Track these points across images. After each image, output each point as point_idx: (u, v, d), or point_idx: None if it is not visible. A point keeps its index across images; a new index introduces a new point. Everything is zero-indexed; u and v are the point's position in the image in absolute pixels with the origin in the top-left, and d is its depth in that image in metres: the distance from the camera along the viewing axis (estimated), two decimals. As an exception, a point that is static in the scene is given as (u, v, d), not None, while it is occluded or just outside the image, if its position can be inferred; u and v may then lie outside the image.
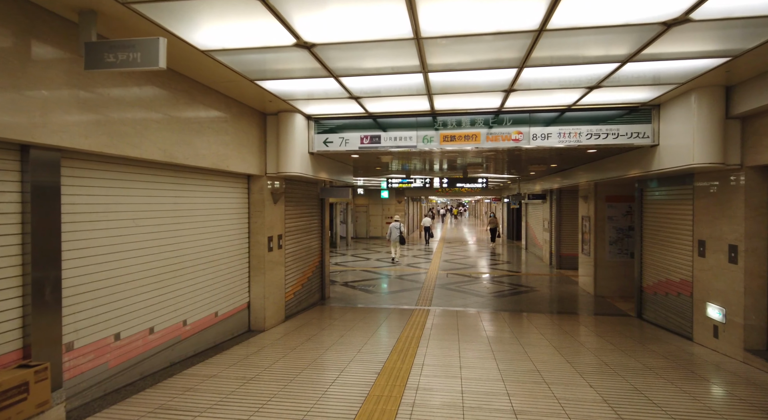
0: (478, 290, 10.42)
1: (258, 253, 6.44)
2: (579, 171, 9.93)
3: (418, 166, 11.23)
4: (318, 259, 9.23)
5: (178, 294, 4.87)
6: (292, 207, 7.71)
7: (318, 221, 9.27)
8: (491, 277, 12.34)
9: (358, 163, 9.34)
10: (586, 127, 6.09)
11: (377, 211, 26.26)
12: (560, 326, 7.06)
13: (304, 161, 6.63)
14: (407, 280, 11.75)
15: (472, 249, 20.33)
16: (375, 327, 6.75)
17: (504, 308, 8.59)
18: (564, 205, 13.85)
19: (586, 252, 10.50)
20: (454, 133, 6.38)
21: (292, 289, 7.68)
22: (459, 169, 11.18)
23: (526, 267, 14.40)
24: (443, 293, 9.99)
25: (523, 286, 10.99)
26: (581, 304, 9.16)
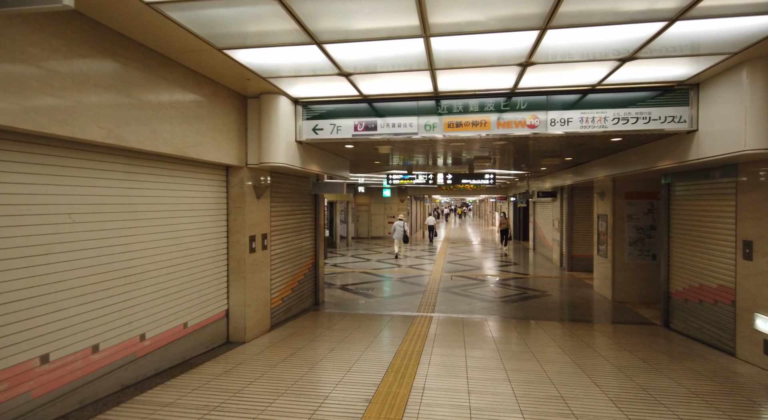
0: (485, 294, 9.63)
1: (238, 254, 5.68)
2: (596, 165, 9.12)
3: (421, 161, 10.46)
4: (311, 260, 8.47)
5: (133, 304, 4.11)
6: (280, 203, 6.95)
7: (311, 219, 8.51)
8: (498, 280, 11.54)
9: (355, 156, 8.56)
10: (613, 111, 5.29)
11: (379, 210, 25.49)
12: (579, 337, 6.26)
13: (291, 151, 5.87)
14: (409, 283, 10.97)
15: (477, 249, 19.52)
16: (371, 338, 5.98)
17: (514, 315, 7.79)
18: (576, 203, 13.04)
19: (602, 253, 9.68)
20: (461, 118, 5.60)
21: (280, 294, 6.92)
22: (464, 163, 10.40)
23: (535, 269, 13.59)
24: (447, 298, 9.20)
25: (534, 290, 10.19)
26: (599, 310, 8.35)
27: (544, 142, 6.67)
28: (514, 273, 12.84)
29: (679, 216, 6.88)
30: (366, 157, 8.58)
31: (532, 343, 5.83)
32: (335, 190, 7.45)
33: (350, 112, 5.82)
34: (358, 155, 8.21)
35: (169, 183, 4.62)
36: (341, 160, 8.67)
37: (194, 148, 4.59)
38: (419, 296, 9.42)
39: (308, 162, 6.56)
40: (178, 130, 4.33)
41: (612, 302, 8.99)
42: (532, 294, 9.76)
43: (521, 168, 10.94)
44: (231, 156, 5.38)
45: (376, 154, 8.00)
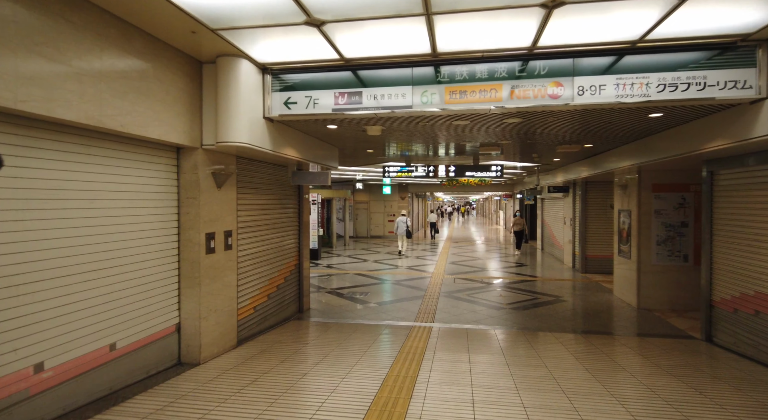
0: (492, 300, 8.55)
1: (191, 256, 4.62)
2: (618, 154, 8.01)
3: (420, 152, 9.38)
4: (294, 262, 7.41)
5: (25, 323, 3.06)
6: (252, 195, 5.90)
7: (294, 215, 7.45)
8: (506, 283, 10.44)
9: (342, 141, 7.49)
10: (657, 76, 4.19)
11: (379, 208, 24.42)
12: (610, 356, 5.17)
13: (257, 130, 4.80)
14: (407, 287, 9.89)
15: (481, 249, 18.41)
16: (355, 358, 4.91)
17: (526, 326, 6.70)
18: (591, 198, 11.92)
19: (624, 254, 8.57)
20: (465, 87, 4.52)
21: (252, 302, 5.86)
22: (469, 153, 9.32)
23: (546, 270, 12.48)
24: (449, 304, 8.13)
25: (546, 295, 9.09)
26: (623, 319, 7.25)
27: (564, 121, 5.58)
28: (523, 275, 11.74)
29: (725, 211, 5.77)
30: (355, 143, 7.51)
31: (554, 365, 4.75)
32: (318, 181, 6.38)
33: (330, 81, 4.75)
34: (345, 141, 7.14)
35: (86, 163, 3.57)
36: (328, 148, 7.60)
37: (118, 118, 3.53)
38: (418, 302, 8.35)
39: (282, 145, 5.49)
40: (91, 91, 3.27)
41: (637, 309, 7.88)
42: (544, 300, 8.67)
43: (532, 159, 9.84)
44: (180, 133, 4.32)
45: (365, 139, 6.93)
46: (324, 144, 7.33)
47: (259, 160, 6.00)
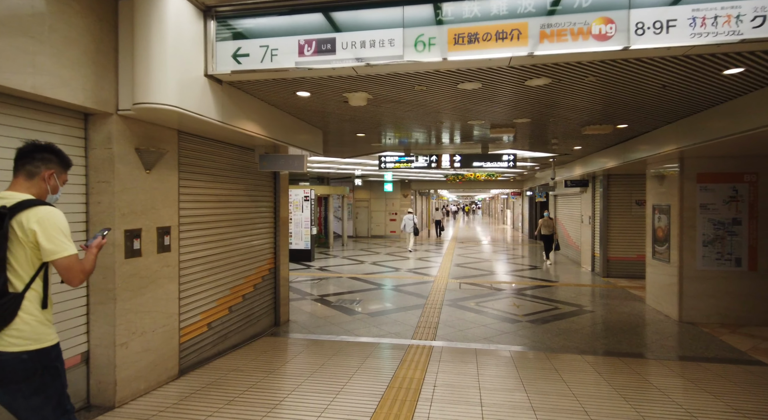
0: (504, 310, 7.28)
1: (102, 261, 3.40)
2: (651, 138, 6.71)
3: (421, 139, 8.14)
4: (268, 265, 6.20)
5: None
6: (206, 183, 4.69)
7: (269, 210, 6.24)
8: (519, 289, 9.16)
9: (321, 118, 6.24)
10: (752, 3, 2.93)
11: (380, 207, 23.18)
12: (664, 392, 3.91)
13: (195, 91, 3.58)
14: (406, 293, 8.65)
15: (488, 250, 17.12)
16: (330, 395, 3.68)
17: (550, 345, 5.44)
18: (613, 193, 10.62)
19: (660, 257, 7.28)
20: (476, 27, 3.27)
21: (205, 318, 4.65)
22: (477, 140, 8.07)
23: (562, 274, 11.18)
24: (454, 315, 6.87)
25: (567, 304, 7.81)
26: (666, 336, 5.97)
27: (604, 87, 4.31)
28: (537, 279, 10.46)
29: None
30: (339, 123, 6.25)
31: (595, 409, 3.49)
32: (292, 167, 5.16)
33: (294, 27, 3.51)
34: (326, 119, 5.88)
35: None
36: (309, 130, 6.37)
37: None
38: (418, 312, 7.10)
39: (239, 117, 4.26)
40: None
41: (679, 323, 6.60)
42: (565, 310, 7.39)
43: (550, 146, 8.54)
44: (82, 93, 3.11)
45: (351, 116, 5.68)
46: (302, 124, 6.10)
47: (216, 138, 4.79)
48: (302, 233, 13.34)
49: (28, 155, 1.98)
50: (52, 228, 1.88)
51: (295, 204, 13.38)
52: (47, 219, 1.88)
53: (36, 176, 1.98)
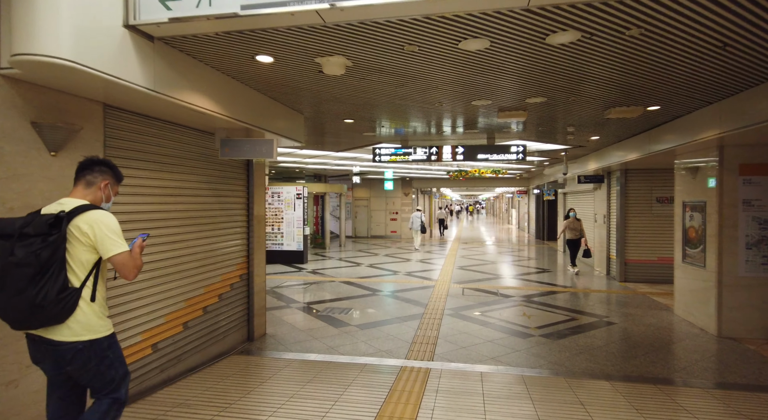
0: (513, 321, 6.37)
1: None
2: (684, 124, 5.78)
3: (419, 128, 7.26)
4: (239, 271, 5.33)
5: None
6: (150, 172, 3.82)
7: (240, 206, 5.37)
8: (528, 296, 8.25)
9: (296, 96, 5.35)
10: None
11: (380, 206, 22.29)
12: (730, 443, 3.00)
13: (109, 45, 2.69)
14: (404, 300, 7.75)
15: (493, 251, 16.19)
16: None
17: (572, 367, 4.53)
18: (631, 190, 9.68)
19: (693, 260, 6.35)
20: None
21: (148, 339, 3.78)
22: (482, 130, 7.17)
23: (575, 278, 10.24)
24: (456, 327, 5.97)
25: (585, 314, 6.89)
26: (706, 356, 5.04)
27: (650, 43, 3.40)
28: (547, 284, 9.53)
29: None
30: (319, 102, 5.31)
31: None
32: (259, 153, 4.27)
33: (241, -40, 2.63)
34: (302, 96, 4.95)
35: None
36: (286, 114, 5.50)
37: None
38: (415, 323, 6.21)
39: (180, 87, 3.38)
40: None
41: (718, 339, 5.67)
42: (584, 321, 6.47)
43: (564, 136, 7.61)
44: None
45: (333, 95, 4.78)
46: (277, 106, 5.22)
47: (162, 117, 3.91)
48: (294, 233, 12.47)
49: (88, 167, 2.25)
50: (106, 229, 2.10)
51: (287, 202, 12.51)
52: (102, 221, 2.10)
53: (93, 185, 2.25)
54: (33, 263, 1.94)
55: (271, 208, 12.63)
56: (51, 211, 2.09)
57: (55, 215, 2.04)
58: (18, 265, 1.93)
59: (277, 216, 12.60)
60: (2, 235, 1.99)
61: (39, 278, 1.96)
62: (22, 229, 1.98)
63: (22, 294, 1.93)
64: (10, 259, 1.94)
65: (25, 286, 1.93)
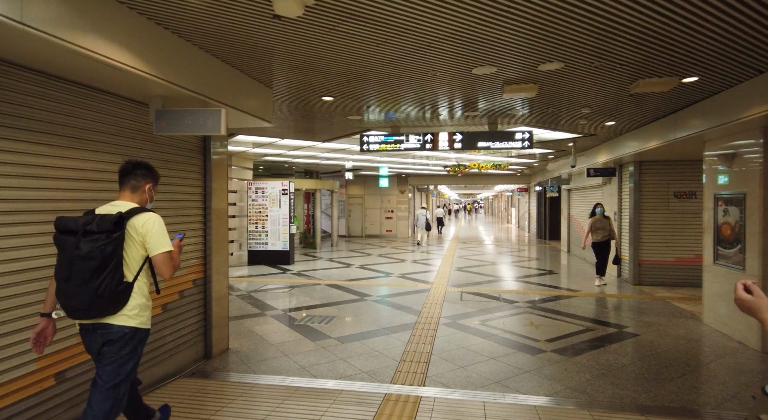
0: (518, 331, 5.49)
1: None
2: (721, 101, 4.91)
3: (412, 113, 6.39)
4: (192, 276, 4.44)
5: None
6: (67, 149, 2.92)
7: (192, 197, 4.48)
8: (533, 301, 7.36)
9: (255, 59, 4.43)
10: None
11: (375, 203, 21.40)
12: None
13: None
14: (395, 307, 6.86)
15: (493, 251, 15.32)
16: None
17: (593, 394, 3.64)
18: (645, 184, 8.82)
19: (729, 262, 5.48)
20: None
21: (48, 367, 2.87)
22: (484, 114, 6.29)
23: (583, 281, 9.37)
24: (454, 340, 5.09)
25: (602, 323, 6.02)
26: (756, 377, 4.17)
27: None
28: (554, 288, 8.66)
29: None
30: (286, 68, 4.35)
31: None
32: (203, 127, 3.36)
33: None
34: (258, 54, 4.04)
35: None
36: (251, 87, 4.60)
37: None
38: (405, 335, 5.32)
39: (78, 29, 2.47)
40: None
41: (762, 355, 4.79)
42: (602, 333, 5.59)
43: (578, 119, 6.71)
44: None
45: (303, 61, 3.89)
46: (238, 75, 4.33)
47: (76, 79, 3.01)
48: (279, 232, 11.56)
49: (131, 172, 2.49)
50: (158, 230, 2.36)
51: (272, 198, 11.61)
52: (153, 222, 2.35)
53: (139, 189, 2.51)
54: (97, 257, 2.15)
55: (254, 205, 11.72)
56: (108, 212, 2.30)
57: (119, 215, 2.25)
58: (84, 258, 2.13)
59: (261, 213, 11.70)
60: (67, 231, 2.18)
61: (101, 271, 2.16)
62: (86, 226, 2.17)
63: (86, 284, 2.14)
64: (76, 252, 2.13)
65: (89, 277, 2.14)
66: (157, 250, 2.33)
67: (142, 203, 2.51)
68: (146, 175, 2.54)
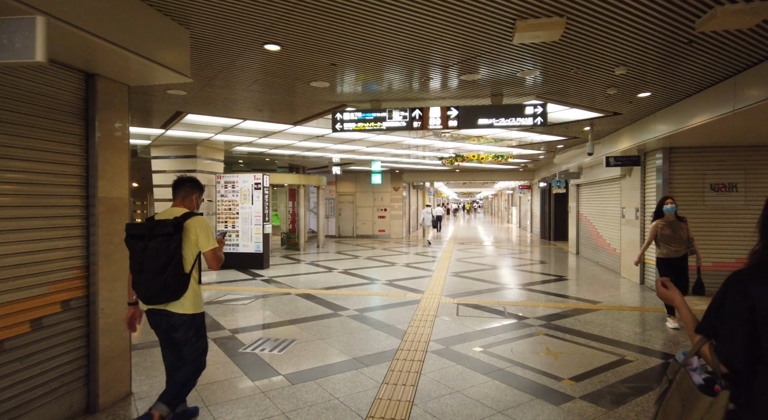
0: (532, 363, 4.08)
1: None
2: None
3: (396, 83, 5.01)
4: (65, 294, 3.03)
5: None
6: None
7: (68, 178, 3.07)
8: (545, 317, 5.95)
9: None
10: None
11: (367, 201, 19.99)
12: None
13: None
14: (373, 325, 5.46)
15: (493, 253, 13.91)
16: None
17: None
18: (677, 174, 7.45)
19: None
20: None
21: None
22: (484, 82, 4.92)
23: (600, 289, 7.96)
24: (446, 379, 3.69)
25: (635, 348, 4.62)
26: None
27: None
28: (569, 298, 7.26)
29: None
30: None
31: None
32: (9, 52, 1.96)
33: None
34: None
35: None
36: (154, 21, 3.20)
37: None
38: (381, 370, 3.92)
39: None
40: None
41: None
42: (641, 364, 4.19)
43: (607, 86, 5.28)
44: None
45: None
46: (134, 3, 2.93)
47: None
48: (251, 232, 10.15)
49: (182, 185, 2.99)
50: (206, 230, 2.86)
51: (243, 194, 10.20)
52: (203, 224, 2.86)
53: (188, 198, 3.00)
54: (164, 254, 2.66)
55: (223, 201, 10.32)
56: (166, 217, 2.82)
57: (176, 219, 2.76)
58: (154, 257, 2.65)
59: (231, 211, 10.29)
60: (137, 235, 2.72)
61: (167, 265, 2.67)
62: (151, 230, 2.69)
63: (157, 277, 2.65)
64: (147, 251, 2.65)
65: (159, 270, 2.65)
66: (206, 248, 2.82)
67: (190, 209, 2.97)
68: (194, 187, 3.01)
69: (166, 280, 2.65)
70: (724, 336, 1.29)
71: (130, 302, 2.89)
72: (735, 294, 1.29)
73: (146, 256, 2.64)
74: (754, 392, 1.20)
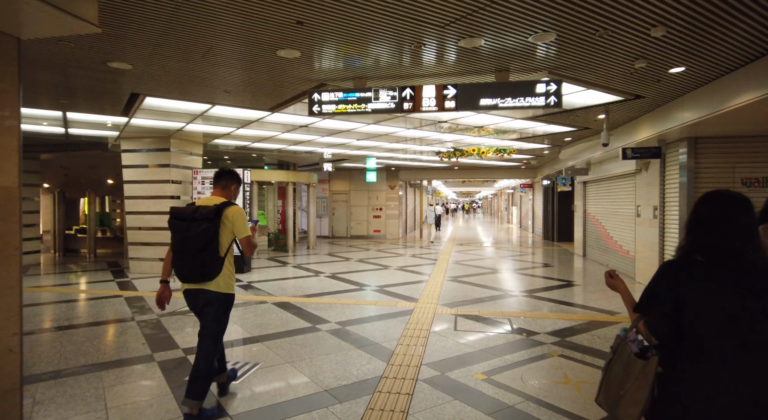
0: (550, 399, 3.22)
1: None
2: None
3: (384, 56, 4.17)
4: None
5: None
6: None
7: None
8: (560, 331, 5.09)
9: None
10: None
11: (362, 200, 19.13)
12: None
13: None
14: (357, 344, 4.60)
15: (494, 255, 13.05)
16: None
17: None
18: (703, 168, 6.61)
19: None
20: None
21: None
22: (488, 55, 4.08)
23: (616, 297, 7.02)
24: None
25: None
26: None
27: None
28: (582, 307, 6.41)
29: None
30: None
31: None
32: None
33: None
34: None
35: None
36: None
37: None
38: (358, 411, 3.05)
39: None
40: None
41: None
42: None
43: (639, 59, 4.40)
44: None
45: None
46: None
47: None
48: (231, 232, 9.28)
49: (222, 176, 3.22)
50: (242, 218, 3.05)
51: (222, 190, 9.32)
52: (240, 213, 3.05)
53: (227, 189, 3.23)
54: (203, 237, 2.87)
55: (201, 198, 9.44)
56: (207, 204, 3.03)
57: (215, 207, 2.95)
58: (194, 239, 2.87)
59: (208, 209, 9.41)
60: (180, 217, 2.96)
61: (206, 247, 2.88)
62: (193, 214, 2.92)
63: (196, 258, 2.89)
64: (188, 233, 2.89)
65: (198, 252, 2.88)
66: (242, 234, 3.04)
67: (228, 198, 3.20)
68: (233, 178, 3.27)
69: (203, 261, 2.88)
70: (654, 314, 1.53)
71: (162, 280, 3.10)
72: (664, 280, 1.52)
73: (187, 238, 2.88)
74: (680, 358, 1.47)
